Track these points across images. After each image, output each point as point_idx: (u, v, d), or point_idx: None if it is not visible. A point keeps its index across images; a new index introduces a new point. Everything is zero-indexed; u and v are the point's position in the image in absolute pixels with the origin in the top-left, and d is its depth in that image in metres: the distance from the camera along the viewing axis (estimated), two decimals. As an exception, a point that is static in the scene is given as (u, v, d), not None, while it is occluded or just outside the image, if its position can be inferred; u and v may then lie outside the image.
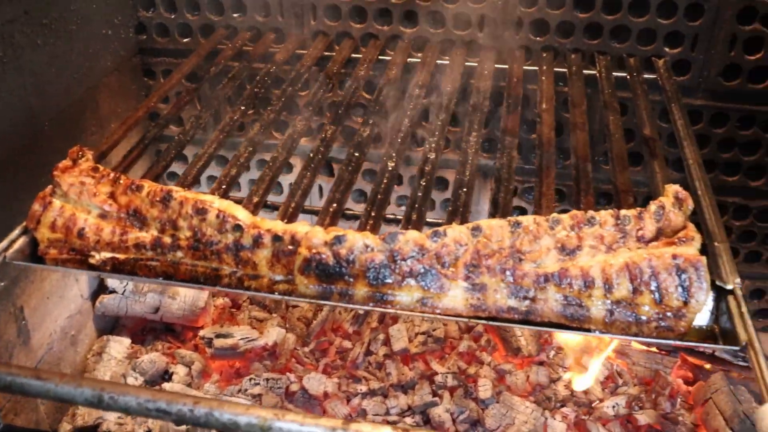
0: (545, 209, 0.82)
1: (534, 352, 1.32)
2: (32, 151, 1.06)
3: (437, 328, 1.33)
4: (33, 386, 0.66)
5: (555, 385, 1.29)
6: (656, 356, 1.35)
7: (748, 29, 1.17)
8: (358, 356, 1.29)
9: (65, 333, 1.21)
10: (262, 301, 1.39)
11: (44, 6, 1.06)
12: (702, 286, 0.70)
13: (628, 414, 1.25)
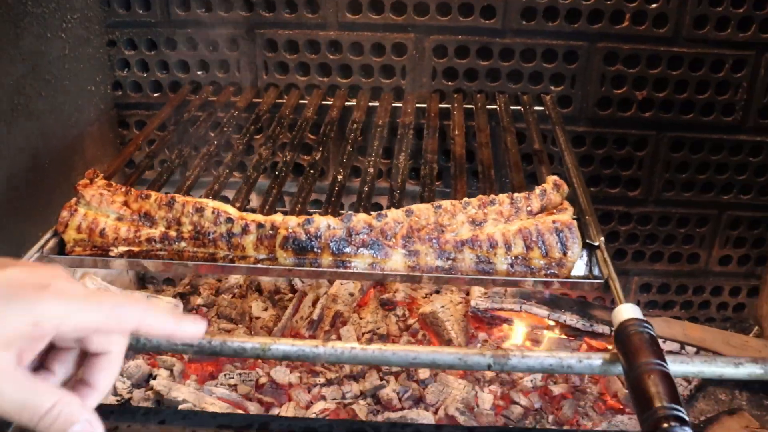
0: (459, 196, 1.09)
1: (463, 342, 1.57)
2: (37, 183, 1.27)
3: (380, 327, 1.57)
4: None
5: (484, 375, 1.54)
6: (565, 341, 1.62)
7: (612, 69, 1.50)
8: (316, 354, 1.51)
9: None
10: (228, 314, 1.60)
11: (47, 64, 1.29)
12: (575, 241, 0.97)
13: (544, 386, 1.50)
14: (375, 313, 1.62)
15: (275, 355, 0.85)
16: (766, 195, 1.61)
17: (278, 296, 1.68)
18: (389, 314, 1.62)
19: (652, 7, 1.43)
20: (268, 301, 1.65)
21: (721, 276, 1.72)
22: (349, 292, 1.65)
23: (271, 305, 1.64)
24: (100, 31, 1.50)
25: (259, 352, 0.85)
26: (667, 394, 0.71)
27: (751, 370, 0.84)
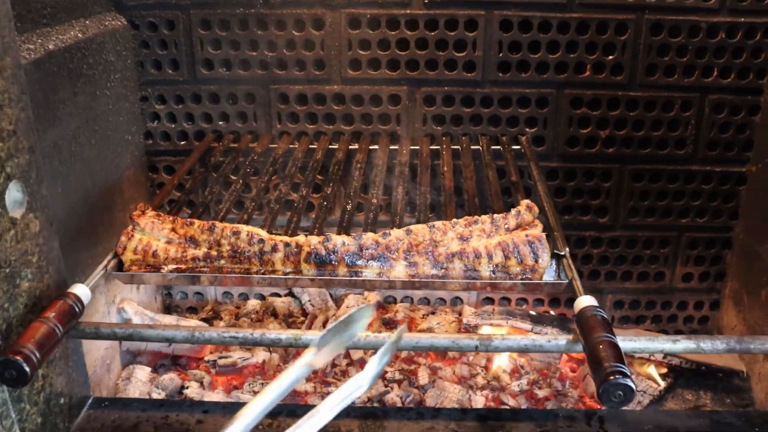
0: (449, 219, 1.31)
1: (457, 355, 1.77)
2: (87, 218, 1.48)
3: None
4: (149, 334, 1.08)
5: (475, 378, 1.74)
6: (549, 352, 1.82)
7: (578, 112, 1.73)
8: (327, 367, 1.71)
9: (103, 361, 1.59)
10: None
11: (95, 118, 1.51)
12: (545, 250, 1.19)
13: (530, 390, 1.70)
14: (378, 331, 1.82)
15: (304, 343, 1.06)
16: (719, 218, 1.83)
17: (291, 319, 1.88)
18: (391, 331, 1.82)
19: (609, 58, 1.68)
20: (283, 323, 1.86)
21: (685, 292, 1.93)
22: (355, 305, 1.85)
23: (286, 325, 1.85)
24: (135, 89, 1.73)
25: (291, 342, 1.06)
26: (614, 356, 0.92)
27: (686, 345, 1.05)
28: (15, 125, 1.00)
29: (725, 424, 1.19)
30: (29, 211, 1.03)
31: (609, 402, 0.89)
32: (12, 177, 0.99)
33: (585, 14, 1.64)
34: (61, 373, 1.14)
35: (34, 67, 1.26)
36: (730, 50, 1.66)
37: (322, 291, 1.93)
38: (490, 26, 1.66)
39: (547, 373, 1.77)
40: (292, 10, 1.67)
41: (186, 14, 1.70)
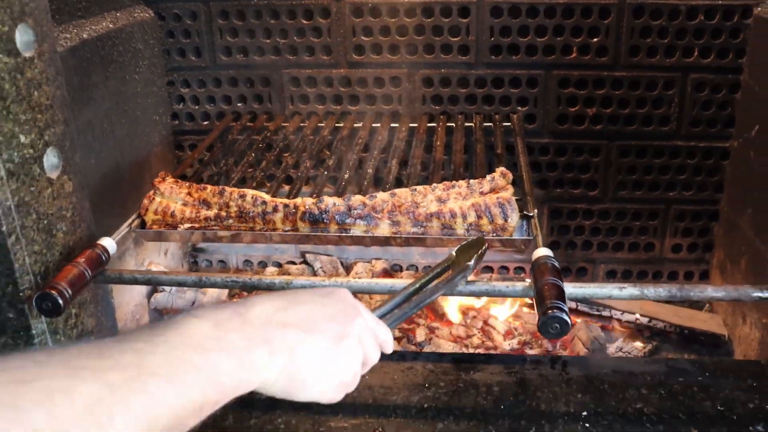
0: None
1: (457, 320, 1.92)
2: (117, 189, 1.67)
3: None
4: (164, 279, 1.26)
5: (471, 339, 1.89)
6: (540, 316, 1.96)
7: (566, 92, 1.86)
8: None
9: (133, 316, 1.78)
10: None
11: (125, 100, 1.70)
12: (514, 210, 1.33)
13: (520, 349, 1.85)
14: (383, 297, 1.98)
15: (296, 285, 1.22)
16: (704, 191, 1.94)
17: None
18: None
19: (594, 41, 1.80)
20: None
21: (674, 262, 2.05)
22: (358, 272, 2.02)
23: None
24: (162, 74, 1.92)
25: (284, 285, 1.23)
26: (556, 295, 1.06)
27: (631, 292, 1.19)
28: (51, 100, 1.18)
29: (679, 370, 1.32)
30: (63, 174, 1.22)
31: (547, 333, 1.03)
32: (49, 144, 1.17)
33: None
34: (91, 315, 1.32)
35: (70, 54, 1.44)
36: (709, 31, 1.77)
37: (333, 259, 2.10)
38: (481, 12, 1.80)
39: (539, 335, 1.91)
40: (301, 1, 1.84)
41: (207, 6, 1.88)
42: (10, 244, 1.09)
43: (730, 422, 1.17)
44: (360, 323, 0.82)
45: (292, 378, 0.74)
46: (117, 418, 0.54)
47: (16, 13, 1.07)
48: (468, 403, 1.22)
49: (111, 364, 0.57)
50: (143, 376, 0.58)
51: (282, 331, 0.74)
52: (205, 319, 0.69)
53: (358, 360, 0.81)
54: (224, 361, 0.66)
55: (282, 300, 0.78)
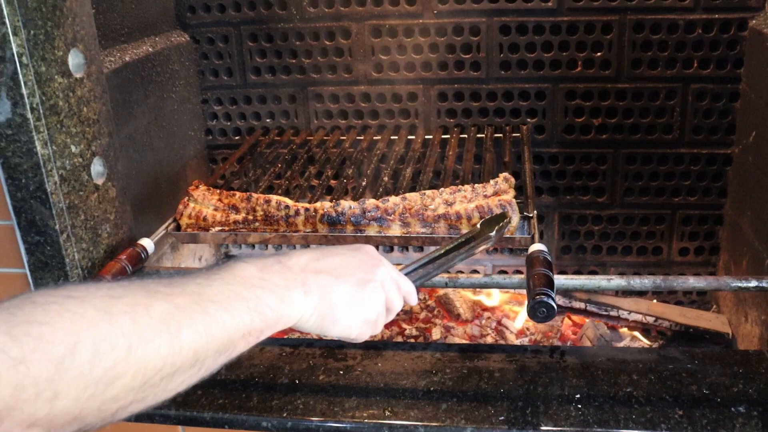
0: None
1: (470, 318, 2.04)
2: (156, 197, 1.83)
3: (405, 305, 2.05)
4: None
5: (485, 338, 2.00)
6: (551, 317, 2.06)
7: (573, 103, 1.97)
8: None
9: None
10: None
11: (163, 116, 1.86)
12: (514, 212, 1.45)
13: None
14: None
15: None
16: (709, 196, 2.03)
17: (329, 288, 2.18)
18: (413, 298, 2.10)
19: (597, 55, 1.92)
20: (321, 291, 2.16)
21: (682, 265, 2.14)
22: (383, 282, 2.14)
23: (324, 294, 2.15)
24: (196, 93, 2.08)
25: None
26: (544, 284, 1.18)
27: (618, 283, 1.29)
28: (98, 115, 1.34)
29: (669, 358, 1.42)
30: (108, 181, 1.37)
31: (535, 317, 1.15)
32: (96, 154, 1.33)
33: (574, 17, 1.89)
34: (132, 309, 1.47)
35: (114, 74, 1.61)
36: (707, 44, 1.87)
37: (356, 264, 2.23)
38: (491, 31, 1.93)
39: (550, 334, 2.02)
40: (324, 24, 1.99)
41: (237, 30, 2.04)
42: (62, 241, 1.25)
43: (713, 404, 1.27)
44: (383, 271, 0.97)
45: (324, 315, 0.88)
46: (183, 330, 0.69)
47: (69, 40, 1.23)
48: (470, 387, 1.33)
49: (179, 291, 0.73)
50: (204, 302, 0.73)
51: (316, 276, 0.89)
52: (252, 264, 0.84)
53: (381, 301, 0.96)
54: (267, 296, 0.80)
55: (317, 252, 0.95)
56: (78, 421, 0.62)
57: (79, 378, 0.61)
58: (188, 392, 1.34)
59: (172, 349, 0.68)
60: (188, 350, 0.70)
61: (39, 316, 0.61)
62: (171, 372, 0.69)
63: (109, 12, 1.65)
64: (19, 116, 1.18)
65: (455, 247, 1.17)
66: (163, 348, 0.67)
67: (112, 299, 0.66)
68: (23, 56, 1.15)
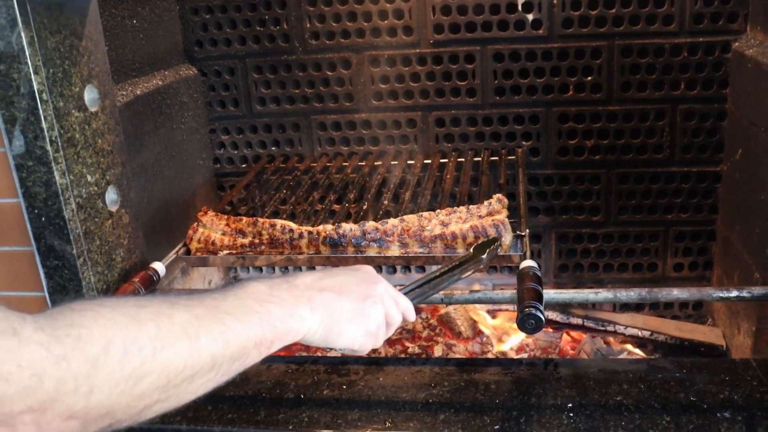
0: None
1: (471, 335, 2.10)
2: (166, 223, 1.91)
3: (408, 324, 2.12)
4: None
5: (485, 355, 2.06)
6: (551, 333, 2.12)
7: (566, 126, 2.05)
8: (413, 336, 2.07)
9: (182, 339, 2.00)
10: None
11: (173, 146, 1.95)
12: (507, 230, 1.52)
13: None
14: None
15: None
16: (700, 213, 2.09)
17: (335, 309, 2.25)
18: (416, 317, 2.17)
19: (588, 79, 2.00)
20: (327, 311, 2.23)
21: (677, 280, 2.19)
22: (386, 302, 2.21)
23: (330, 314, 2.22)
24: (204, 123, 2.17)
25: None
26: (533, 297, 1.24)
27: (606, 296, 1.36)
28: (112, 146, 1.43)
29: (659, 368, 1.48)
30: (121, 208, 1.46)
31: (524, 328, 1.21)
32: (110, 182, 1.42)
33: (564, 44, 1.97)
34: (145, 329, 1.55)
35: (126, 107, 1.70)
36: (693, 66, 1.95)
37: (360, 285, 2.30)
38: (485, 58, 2.01)
39: (549, 350, 2.07)
40: (325, 55, 2.08)
41: (243, 62, 2.13)
42: (79, 265, 1.33)
43: (700, 410, 1.32)
44: (381, 288, 1.07)
45: (329, 328, 0.97)
46: (202, 336, 0.78)
47: (85, 76, 1.33)
48: (467, 399, 1.40)
49: (197, 303, 0.81)
50: (220, 313, 0.82)
51: (320, 293, 0.97)
52: (263, 282, 0.93)
53: (381, 314, 1.04)
54: (277, 310, 0.89)
55: (320, 273, 1.04)
56: (109, 416, 0.70)
57: (111, 375, 0.69)
58: (198, 408, 1.41)
59: (191, 352, 0.76)
60: (206, 355, 0.78)
61: (77, 320, 0.69)
62: (191, 374, 0.76)
63: (121, 48, 1.74)
64: (39, 149, 1.26)
65: (450, 269, 1.26)
66: (184, 351, 0.75)
67: (139, 308, 0.75)
68: (43, 93, 1.24)
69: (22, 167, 1.28)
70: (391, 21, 2.03)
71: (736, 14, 1.88)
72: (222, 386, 1.36)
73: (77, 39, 1.33)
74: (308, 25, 2.07)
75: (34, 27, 1.22)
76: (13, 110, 1.25)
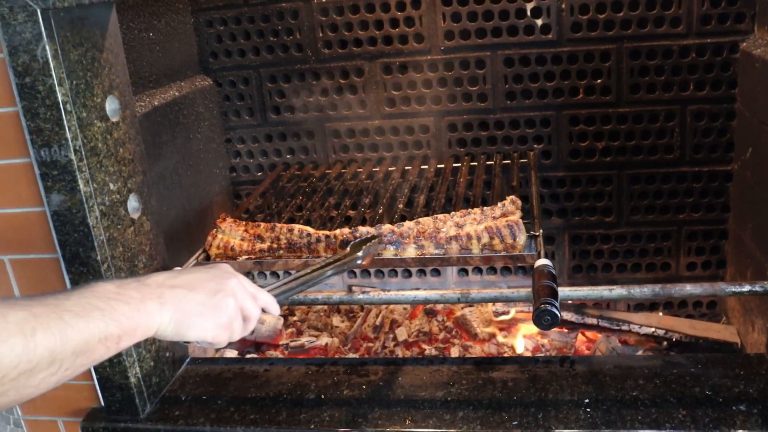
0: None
1: (487, 337, 2.12)
2: (185, 230, 1.94)
3: (424, 327, 2.14)
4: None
5: (502, 356, 2.07)
6: (566, 333, 2.13)
7: (577, 129, 2.08)
8: (378, 348, 2.09)
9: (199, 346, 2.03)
10: (315, 325, 2.22)
11: (190, 155, 1.99)
12: (521, 231, 1.54)
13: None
14: (422, 319, 2.19)
15: (334, 301, 1.45)
16: (712, 212, 2.11)
17: (352, 314, 2.28)
18: (432, 319, 2.19)
19: (597, 82, 2.02)
20: (344, 316, 2.26)
21: (690, 280, 2.20)
22: (403, 306, 2.24)
23: (347, 319, 2.25)
24: (220, 133, 2.21)
25: (326, 300, 1.46)
26: (549, 294, 1.26)
27: (620, 292, 1.38)
28: (133, 155, 1.46)
29: (674, 363, 1.49)
30: (143, 215, 1.49)
31: (540, 325, 1.23)
32: (131, 190, 1.45)
33: (573, 47, 2.00)
34: (167, 334, 1.58)
35: (144, 118, 1.74)
36: (701, 66, 1.97)
37: (376, 290, 2.33)
38: (495, 64, 2.04)
39: (565, 350, 2.09)
40: (338, 63, 2.12)
41: (257, 72, 2.17)
42: (103, 271, 1.36)
43: (715, 404, 1.34)
44: (234, 283, 1.10)
45: (180, 322, 1.00)
46: (38, 332, 0.80)
47: (107, 88, 1.36)
48: (485, 396, 1.42)
49: (37, 303, 0.84)
50: (60, 311, 0.85)
51: (171, 290, 1.01)
52: (111, 282, 0.97)
53: (232, 308, 1.07)
54: (122, 307, 0.92)
55: (173, 272, 1.09)
56: None
57: None
58: (221, 409, 1.44)
59: (26, 348, 0.79)
60: (43, 350, 0.80)
61: None
62: (28, 369, 0.79)
63: (139, 61, 1.78)
64: (63, 158, 1.30)
65: (322, 266, 1.30)
66: (18, 347, 0.78)
67: None
68: (67, 104, 1.28)
69: (47, 176, 1.32)
70: (402, 29, 2.06)
71: (744, 15, 1.90)
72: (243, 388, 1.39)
73: (98, 51, 1.37)
74: (321, 34, 2.10)
75: (58, 40, 1.26)
76: (39, 121, 1.29)
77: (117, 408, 1.48)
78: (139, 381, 1.47)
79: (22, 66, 1.25)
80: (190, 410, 1.48)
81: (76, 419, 1.54)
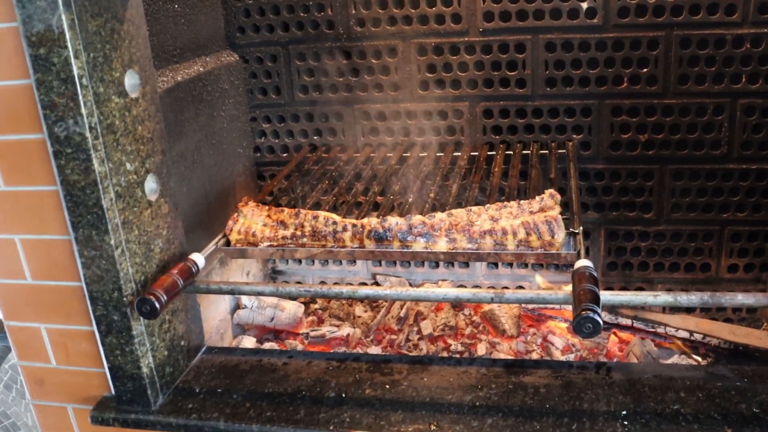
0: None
1: (515, 334, 2.03)
2: (205, 213, 1.87)
3: (450, 321, 2.06)
4: (245, 288, 1.43)
5: (530, 354, 1.99)
6: (598, 334, 2.04)
7: (619, 119, 1.97)
8: (402, 341, 2.02)
9: (217, 330, 1.97)
10: (338, 315, 2.14)
11: (213, 134, 1.91)
12: (560, 228, 1.45)
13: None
14: (448, 312, 2.11)
15: (360, 296, 1.38)
16: (759, 212, 2.00)
17: (375, 303, 2.20)
18: (459, 313, 2.11)
19: (643, 71, 1.91)
20: (368, 306, 2.18)
21: (731, 282, 2.10)
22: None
23: (370, 309, 2.17)
24: (245, 111, 2.13)
25: (350, 294, 1.38)
26: (590, 299, 1.18)
27: (665, 299, 1.28)
28: (152, 134, 1.39)
29: (718, 376, 1.40)
30: (161, 197, 1.42)
31: (581, 332, 1.14)
32: (149, 171, 1.38)
33: (619, 33, 1.88)
34: (182, 322, 1.51)
35: (167, 94, 1.66)
36: (756, 58, 1.85)
37: (401, 279, 2.24)
38: (536, 48, 1.94)
39: (596, 351, 2.00)
40: (371, 42, 2.02)
41: (285, 49, 2.09)
42: (117, 256, 1.29)
43: (764, 423, 1.25)
44: None
45: None
46: None
47: (126, 62, 1.28)
48: (516, 402, 1.34)
49: None
50: None
51: None
52: None
53: None
54: None
55: None
56: None
57: None
58: (236, 404, 1.37)
59: None
60: None
61: None
62: None
63: (162, 34, 1.70)
64: (78, 135, 1.23)
65: None
66: None
67: None
68: (83, 78, 1.20)
69: (60, 154, 1.25)
70: (439, 8, 1.96)
71: (806, 3, 1.78)
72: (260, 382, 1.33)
73: (118, 23, 1.29)
74: (353, 11, 2.01)
75: (75, 9, 1.18)
76: (53, 95, 1.21)
77: (128, 398, 1.41)
78: (151, 371, 1.40)
79: (36, 36, 1.17)
80: (204, 403, 1.41)
81: (87, 407, 1.48)
